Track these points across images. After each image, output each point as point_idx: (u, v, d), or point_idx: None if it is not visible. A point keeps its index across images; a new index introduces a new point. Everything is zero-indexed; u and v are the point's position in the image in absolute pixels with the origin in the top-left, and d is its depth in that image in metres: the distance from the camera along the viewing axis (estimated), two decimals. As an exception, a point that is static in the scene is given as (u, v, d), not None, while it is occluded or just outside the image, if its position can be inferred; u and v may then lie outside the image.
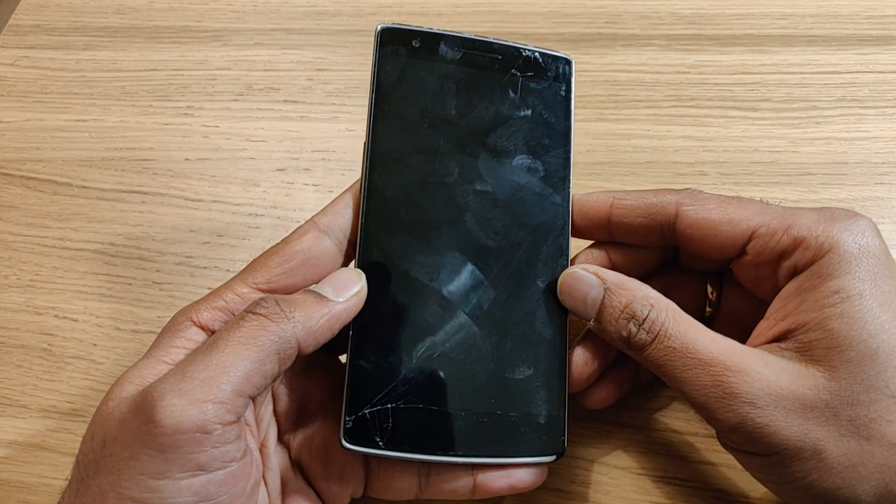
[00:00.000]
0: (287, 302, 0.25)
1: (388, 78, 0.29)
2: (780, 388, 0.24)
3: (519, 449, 0.28)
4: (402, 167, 0.29)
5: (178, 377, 0.23)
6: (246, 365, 0.23)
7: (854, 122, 0.42)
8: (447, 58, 0.30)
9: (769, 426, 0.24)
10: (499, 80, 0.30)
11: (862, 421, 0.24)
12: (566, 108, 0.31)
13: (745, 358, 0.25)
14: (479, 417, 0.27)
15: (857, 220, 0.26)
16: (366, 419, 0.27)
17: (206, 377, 0.23)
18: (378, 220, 0.28)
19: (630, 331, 0.26)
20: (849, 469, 0.24)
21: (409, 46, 0.30)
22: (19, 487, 0.33)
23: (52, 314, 0.37)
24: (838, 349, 0.24)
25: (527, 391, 0.28)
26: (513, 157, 0.30)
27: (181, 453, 0.22)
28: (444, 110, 0.30)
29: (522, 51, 0.31)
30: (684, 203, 0.29)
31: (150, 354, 0.26)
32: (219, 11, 0.48)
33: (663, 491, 0.31)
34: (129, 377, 0.25)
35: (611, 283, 0.27)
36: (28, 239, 0.40)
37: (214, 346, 0.24)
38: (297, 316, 0.25)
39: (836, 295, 0.25)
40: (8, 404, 0.35)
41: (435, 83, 0.30)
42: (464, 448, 0.27)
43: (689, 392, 0.25)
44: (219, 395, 0.23)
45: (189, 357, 0.24)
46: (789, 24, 0.46)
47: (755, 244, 0.28)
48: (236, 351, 0.24)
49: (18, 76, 0.46)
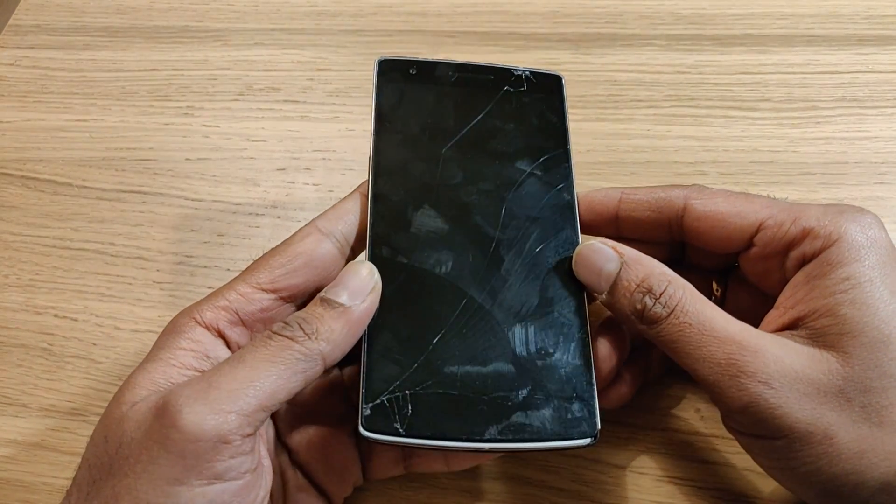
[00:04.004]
0: (308, 322, 0.25)
1: (387, 103, 0.31)
2: (796, 370, 0.24)
3: (550, 433, 0.26)
4: (406, 177, 0.30)
5: (204, 386, 0.23)
6: (272, 381, 0.24)
7: (854, 121, 0.42)
8: (443, 81, 0.32)
9: (781, 407, 0.24)
10: (493, 97, 0.32)
11: (874, 407, 0.24)
12: (561, 118, 0.32)
13: (760, 339, 0.25)
14: (505, 402, 0.26)
15: (863, 213, 0.27)
16: (384, 406, 0.26)
17: (232, 389, 0.23)
18: (386, 224, 0.29)
19: (645, 304, 0.26)
20: (858, 455, 0.24)
21: (407, 74, 0.32)
22: (19, 486, 0.33)
23: (52, 314, 0.37)
24: (851, 335, 0.24)
25: (552, 372, 0.27)
26: (513, 161, 0.30)
27: (200, 461, 0.22)
28: (442, 125, 0.31)
29: (514, 71, 0.32)
30: (692, 197, 0.29)
31: (155, 357, 0.26)
32: (219, 11, 0.48)
33: (665, 490, 0.31)
34: (139, 381, 0.25)
35: (628, 257, 0.27)
36: (28, 239, 0.40)
37: (241, 360, 0.24)
38: (322, 334, 0.25)
39: (847, 282, 0.25)
40: (8, 403, 0.35)
41: (432, 103, 0.31)
42: (490, 434, 0.26)
43: (702, 370, 0.25)
44: (243, 407, 0.23)
45: (215, 368, 0.24)
46: (789, 24, 0.46)
47: (763, 235, 0.28)
48: (263, 367, 0.24)
49: (18, 76, 0.46)
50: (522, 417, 0.26)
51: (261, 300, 0.27)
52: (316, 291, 0.29)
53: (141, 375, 0.25)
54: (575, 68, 0.44)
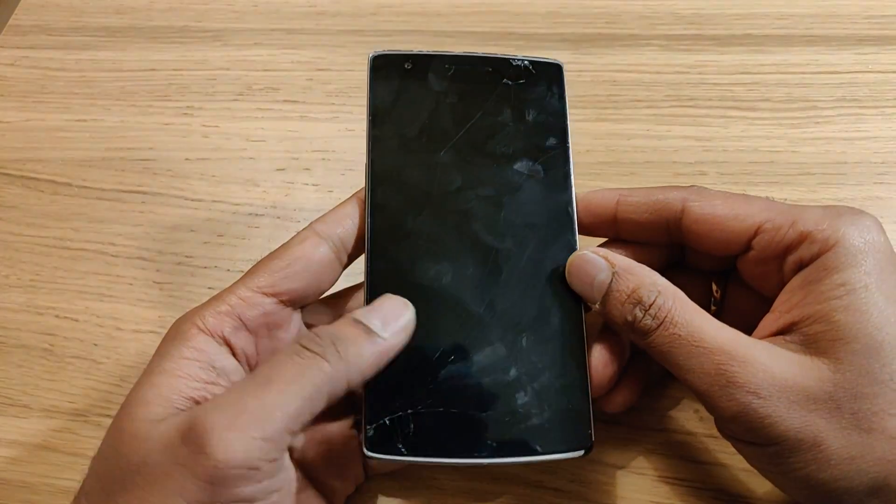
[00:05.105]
0: (341, 340, 0.25)
1: (383, 101, 0.31)
2: (784, 379, 0.24)
3: (545, 446, 0.27)
4: (403, 181, 0.29)
5: (232, 412, 0.23)
6: (299, 404, 0.24)
7: (853, 121, 0.42)
8: (439, 75, 0.31)
9: (771, 416, 0.24)
10: (492, 90, 0.31)
11: (864, 414, 0.24)
12: (561, 110, 0.31)
13: (749, 348, 0.25)
14: (502, 417, 0.27)
15: (862, 216, 0.27)
16: (386, 426, 0.26)
17: (260, 415, 0.23)
18: (384, 231, 0.29)
19: (636, 315, 0.26)
20: (847, 461, 0.24)
21: (402, 69, 0.31)
22: (22, 487, 0.33)
23: (53, 314, 0.37)
24: (843, 341, 0.24)
25: (548, 387, 0.27)
26: (513, 162, 0.30)
27: (228, 486, 0.22)
28: (440, 123, 0.30)
29: (512, 61, 0.31)
30: (690, 199, 0.29)
31: (160, 368, 0.25)
32: (219, 11, 0.48)
33: (663, 491, 0.32)
34: (148, 397, 0.25)
35: (620, 267, 0.27)
36: (28, 239, 0.40)
37: (268, 382, 0.24)
38: (350, 356, 0.25)
39: (842, 287, 0.25)
40: (9, 404, 0.35)
41: (430, 99, 0.31)
42: (489, 449, 0.27)
43: (692, 380, 0.25)
44: (271, 433, 0.23)
45: (240, 388, 0.24)
46: (789, 24, 0.46)
47: (761, 239, 0.28)
48: (290, 389, 0.24)
49: (18, 76, 0.46)
50: (519, 432, 0.27)
51: (262, 304, 0.27)
52: (313, 296, 0.29)
53: (149, 391, 0.25)
54: (574, 69, 0.44)
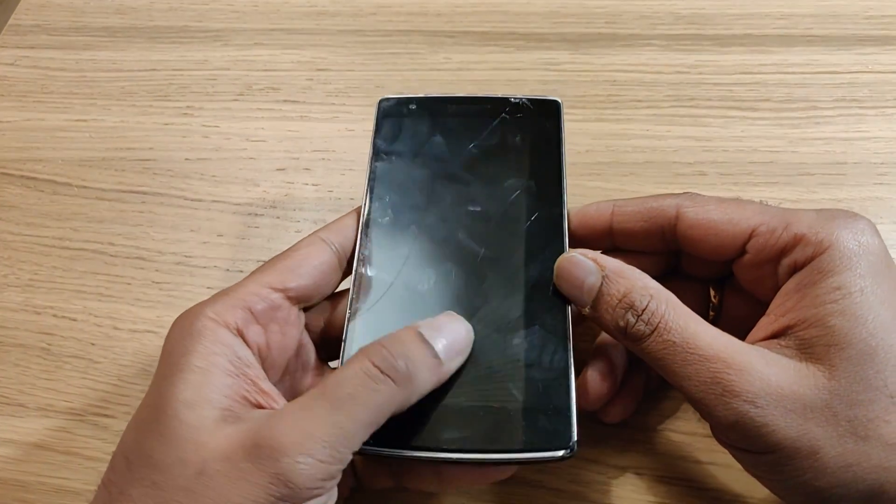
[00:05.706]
0: (413, 362, 0.25)
1: (386, 139, 0.33)
2: (781, 387, 0.24)
3: (526, 445, 0.27)
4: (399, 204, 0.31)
5: (301, 433, 0.23)
6: (368, 428, 0.24)
7: (853, 122, 0.42)
8: (441, 114, 0.33)
9: (768, 425, 0.24)
10: (489, 124, 0.33)
11: (860, 421, 0.24)
12: (557, 140, 0.32)
13: (745, 356, 0.25)
14: (485, 412, 0.27)
15: (856, 219, 0.27)
16: None
17: (332, 440, 0.23)
18: (375, 236, 0.30)
19: (628, 321, 0.26)
20: (843, 469, 0.24)
21: (407, 109, 0.33)
22: (17, 486, 0.33)
23: (51, 313, 0.37)
24: (838, 347, 0.24)
25: (531, 387, 0.27)
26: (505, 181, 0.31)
27: (293, 502, 0.23)
28: (438, 155, 0.32)
29: (511, 99, 0.33)
30: (684, 205, 0.29)
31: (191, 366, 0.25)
32: (219, 11, 0.48)
33: (663, 491, 0.31)
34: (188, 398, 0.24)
35: (610, 270, 0.27)
36: (28, 238, 0.40)
37: (339, 403, 0.24)
38: (419, 381, 0.25)
39: (838, 291, 0.25)
40: (6, 403, 0.35)
41: (429, 134, 0.33)
42: (471, 443, 0.26)
43: (687, 387, 0.25)
44: (341, 457, 0.23)
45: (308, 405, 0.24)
46: (789, 24, 0.46)
47: (755, 242, 0.28)
48: (361, 414, 0.23)
49: (18, 76, 0.46)
50: (502, 429, 0.27)
51: (272, 299, 0.27)
52: (318, 297, 0.29)
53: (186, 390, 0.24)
54: (574, 68, 0.44)
